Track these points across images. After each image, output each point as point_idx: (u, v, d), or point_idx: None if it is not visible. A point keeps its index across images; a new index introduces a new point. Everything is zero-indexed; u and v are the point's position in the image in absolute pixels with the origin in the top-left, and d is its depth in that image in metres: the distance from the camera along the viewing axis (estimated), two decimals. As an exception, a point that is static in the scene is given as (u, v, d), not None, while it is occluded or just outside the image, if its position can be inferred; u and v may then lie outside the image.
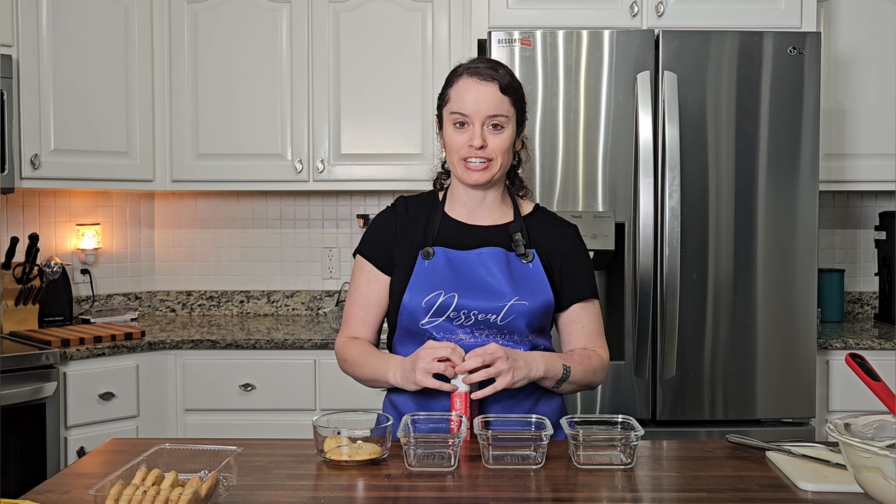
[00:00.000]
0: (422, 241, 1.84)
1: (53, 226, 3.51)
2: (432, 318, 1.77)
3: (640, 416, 2.78)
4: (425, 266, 1.80)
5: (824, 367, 3.03)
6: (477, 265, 1.80)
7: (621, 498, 1.39)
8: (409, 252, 1.83)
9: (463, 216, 1.86)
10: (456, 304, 1.76)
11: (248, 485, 1.42)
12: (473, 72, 1.77)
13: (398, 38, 3.36)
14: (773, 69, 2.80)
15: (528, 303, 1.77)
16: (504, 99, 1.76)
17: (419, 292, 1.78)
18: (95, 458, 1.60)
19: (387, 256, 1.86)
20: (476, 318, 1.76)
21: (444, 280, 1.78)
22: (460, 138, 1.77)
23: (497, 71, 1.78)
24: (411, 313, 1.78)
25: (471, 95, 1.75)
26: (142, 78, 3.33)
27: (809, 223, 2.83)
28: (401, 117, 3.35)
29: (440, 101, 1.84)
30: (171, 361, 3.12)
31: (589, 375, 1.80)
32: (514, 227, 1.84)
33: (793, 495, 1.39)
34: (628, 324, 2.81)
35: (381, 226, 1.90)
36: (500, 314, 1.76)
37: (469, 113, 1.75)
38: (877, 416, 1.35)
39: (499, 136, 1.76)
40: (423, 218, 1.87)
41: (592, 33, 2.79)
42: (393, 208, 1.91)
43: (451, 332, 1.77)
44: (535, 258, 1.82)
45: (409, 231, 1.86)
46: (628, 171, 2.79)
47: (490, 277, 1.78)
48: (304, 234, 3.79)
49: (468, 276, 1.79)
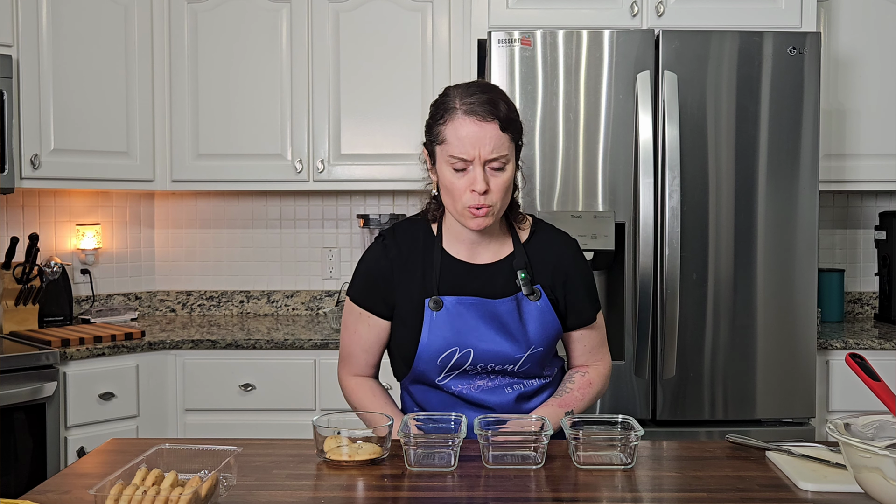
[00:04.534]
0: (422, 286, 1.76)
1: (53, 226, 3.51)
2: (449, 372, 1.76)
3: (640, 416, 2.78)
4: (434, 319, 1.73)
5: (824, 367, 3.03)
6: (489, 317, 1.75)
7: (621, 498, 1.39)
8: (410, 299, 1.77)
9: (463, 254, 1.79)
10: (472, 360, 1.74)
11: (248, 485, 1.42)
12: (470, 110, 1.65)
13: (398, 38, 3.35)
14: (773, 69, 2.80)
15: (543, 348, 1.77)
16: (504, 138, 1.66)
17: (432, 348, 1.73)
18: (95, 458, 1.60)
19: (384, 304, 1.80)
20: (493, 368, 1.76)
21: (457, 333, 1.73)
22: (461, 182, 1.67)
23: (496, 106, 1.66)
24: (424, 371, 1.76)
25: (471, 139, 1.64)
26: (142, 78, 3.33)
27: (809, 223, 2.83)
28: (401, 117, 3.35)
29: (431, 136, 1.72)
30: (171, 361, 3.12)
31: (591, 401, 1.85)
32: (517, 262, 1.79)
33: (793, 495, 1.39)
34: (628, 324, 2.81)
35: (374, 272, 1.81)
36: (516, 364, 1.76)
37: (468, 156, 1.65)
38: (877, 416, 1.35)
39: (500, 178, 1.68)
40: (419, 257, 1.78)
41: (592, 33, 2.79)
42: (384, 250, 1.80)
43: (468, 382, 1.77)
44: (541, 295, 1.78)
45: (408, 274, 1.78)
46: (628, 171, 2.79)
47: (503, 331, 1.74)
48: (304, 234, 3.78)
49: (481, 329, 1.74)
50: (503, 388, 1.79)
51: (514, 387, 1.79)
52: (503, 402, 1.78)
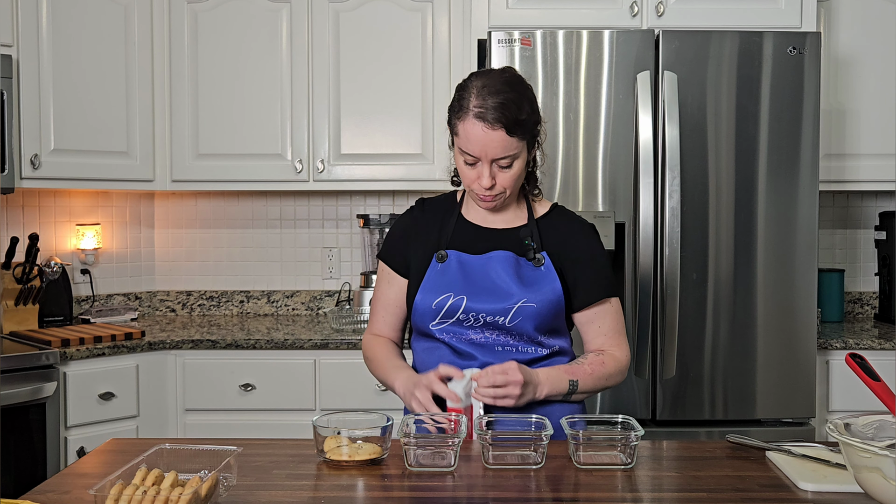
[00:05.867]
0: (436, 243, 1.87)
1: (53, 226, 3.51)
2: (442, 319, 1.81)
3: (640, 416, 2.78)
4: (437, 269, 1.83)
5: (824, 367, 3.03)
6: (486, 268, 1.82)
7: (621, 498, 1.39)
8: (423, 254, 1.87)
9: (478, 219, 1.89)
10: (465, 307, 1.79)
11: (248, 485, 1.42)
12: (479, 115, 1.71)
13: (398, 38, 3.35)
14: (773, 69, 2.80)
15: (535, 304, 1.78)
16: (511, 140, 1.73)
17: (429, 294, 1.82)
18: (95, 458, 1.60)
19: (403, 259, 1.91)
20: (485, 319, 1.79)
21: (455, 283, 1.81)
22: (470, 173, 1.79)
23: (507, 111, 1.71)
24: (422, 315, 1.83)
25: (477, 140, 1.73)
26: (142, 78, 3.33)
27: (809, 223, 2.83)
28: (401, 117, 3.35)
29: (450, 120, 1.80)
30: (171, 361, 3.12)
31: (602, 381, 1.82)
32: (524, 231, 1.86)
33: (793, 495, 1.39)
34: (628, 324, 2.80)
35: (398, 229, 1.95)
36: (507, 316, 1.78)
37: (476, 155, 1.75)
38: (877, 416, 1.35)
39: (508, 173, 1.77)
40: (438, 220, 1.91)
41: (592, 33, 2.79)
42: (411, 211, 1.96)
43: (461, 333, 1.81)
44: (546, 261, 1.83)
45: (425, 233, 1.90)
46: (628, 171, 2.79)
47: (498, 280, 1.80)
48: (304, 234, 3.78)
49: (478, 278, 1.81)
50: (494, 345, 1.80)
51: (505, 347, 1.80)
52: (493, 361, 1.77)
